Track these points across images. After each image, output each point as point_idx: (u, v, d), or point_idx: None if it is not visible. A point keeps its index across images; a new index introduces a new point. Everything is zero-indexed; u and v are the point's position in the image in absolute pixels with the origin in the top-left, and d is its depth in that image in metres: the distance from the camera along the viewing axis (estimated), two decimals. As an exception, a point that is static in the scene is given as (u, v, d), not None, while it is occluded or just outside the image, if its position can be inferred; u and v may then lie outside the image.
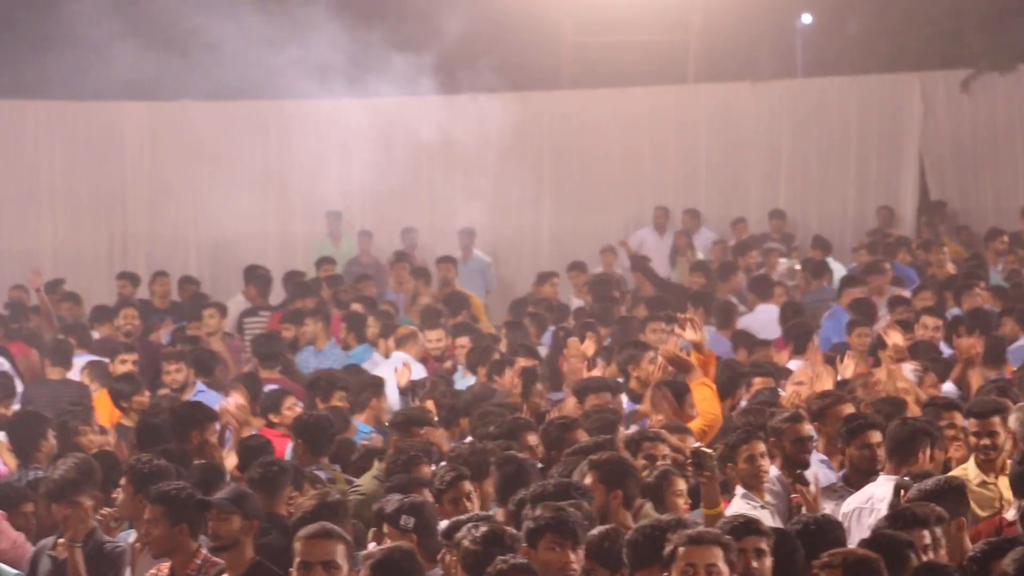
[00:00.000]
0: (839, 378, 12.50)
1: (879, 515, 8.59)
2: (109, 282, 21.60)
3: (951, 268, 19.34)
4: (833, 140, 24.64)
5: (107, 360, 15.22)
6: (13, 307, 20.16)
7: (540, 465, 10.18)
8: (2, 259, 23.67)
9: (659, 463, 9.86)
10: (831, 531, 7.92)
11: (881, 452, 9.72)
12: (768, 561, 7.40)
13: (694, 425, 11.03)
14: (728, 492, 9.57)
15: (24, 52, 23.62)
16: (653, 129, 24.69)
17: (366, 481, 10.47)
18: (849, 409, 10.61)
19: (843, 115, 24.60)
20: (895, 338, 12.52)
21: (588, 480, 8.84)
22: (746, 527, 7.50)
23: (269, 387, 13.74)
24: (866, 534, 8.00)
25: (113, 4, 21.75)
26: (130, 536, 9.47)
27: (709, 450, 8.83)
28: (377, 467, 10.48)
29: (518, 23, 24.62)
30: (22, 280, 21.18)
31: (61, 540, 9.09)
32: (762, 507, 9.36)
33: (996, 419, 9.88)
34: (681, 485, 9.37)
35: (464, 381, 14.74)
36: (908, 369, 12.44)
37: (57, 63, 22.50)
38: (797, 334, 14.90)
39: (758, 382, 12.60)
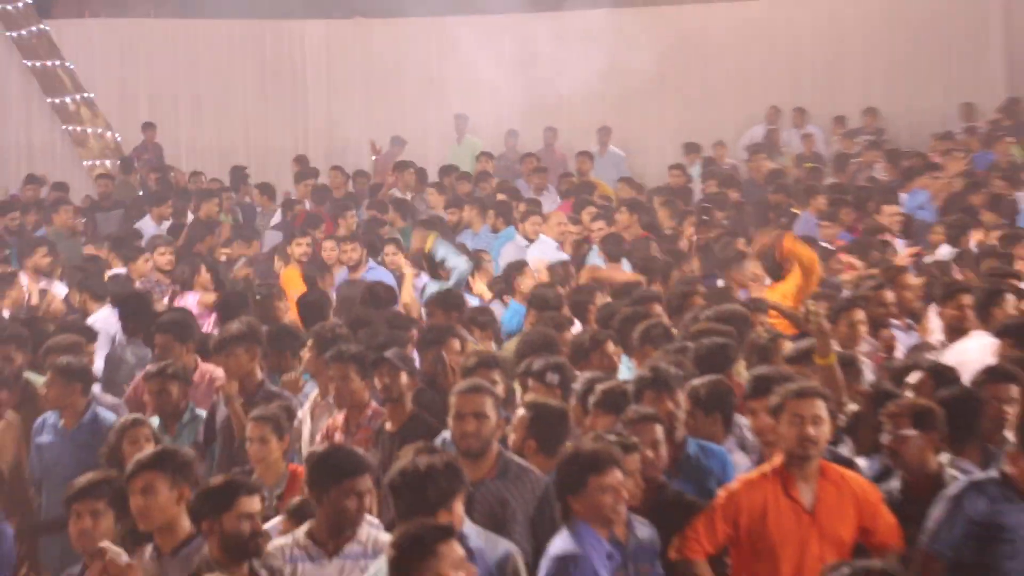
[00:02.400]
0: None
1: (972, 365, 8.89)
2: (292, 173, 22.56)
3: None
4: (921, 38, 24.71)
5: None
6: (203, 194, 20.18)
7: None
8: (208, 154, 25.12)
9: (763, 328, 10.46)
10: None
11: (970, 312, 10.47)
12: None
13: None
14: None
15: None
16: (765, 37, 25.06)
17: (511, 346, 11.04)
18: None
19: (931, 11, 24.72)
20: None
21: None
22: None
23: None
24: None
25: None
26: (313, 391, 10.10)
27: (821, 309, 9.14)
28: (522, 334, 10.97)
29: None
30: (222, 174, 22.50)
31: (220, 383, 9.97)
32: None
33: None
34: (788, 347, 9.56)
35: (597, 260, 15.00)
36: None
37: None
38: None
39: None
